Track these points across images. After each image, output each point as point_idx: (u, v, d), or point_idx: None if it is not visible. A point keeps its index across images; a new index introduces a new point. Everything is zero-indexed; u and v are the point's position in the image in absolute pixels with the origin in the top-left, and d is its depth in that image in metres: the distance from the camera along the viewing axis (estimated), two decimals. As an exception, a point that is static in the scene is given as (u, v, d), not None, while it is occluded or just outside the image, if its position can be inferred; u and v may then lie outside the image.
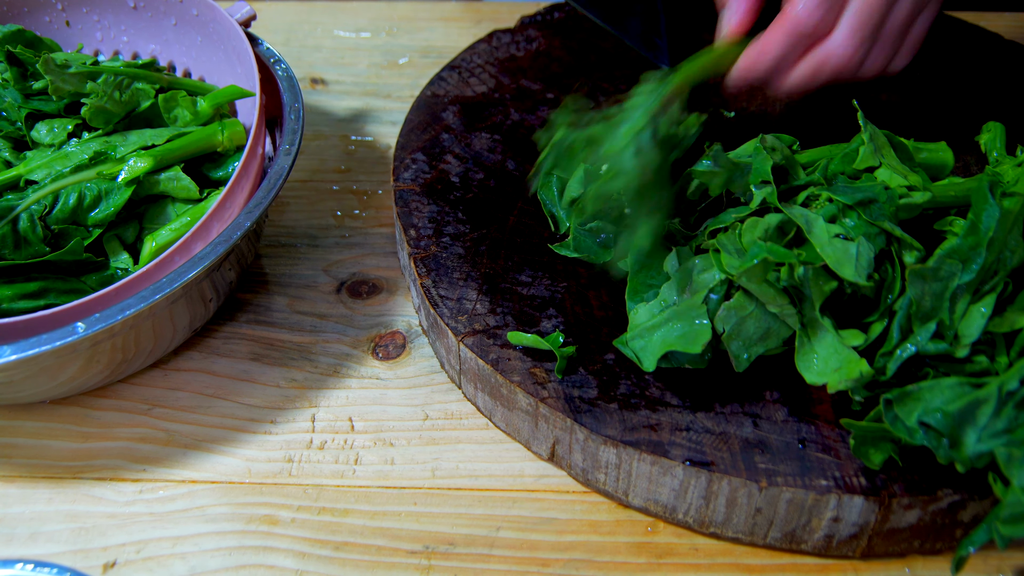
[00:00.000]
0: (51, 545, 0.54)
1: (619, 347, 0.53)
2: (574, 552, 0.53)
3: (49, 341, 0.51)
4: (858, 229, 0.52)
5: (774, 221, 0.53)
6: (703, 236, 0.56)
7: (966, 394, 0.47)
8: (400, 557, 0.53)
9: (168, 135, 0.64)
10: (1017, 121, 0.72)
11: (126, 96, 0.64)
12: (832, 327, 0.51)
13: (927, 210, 0.55)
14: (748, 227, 0.53)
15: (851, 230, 0.51)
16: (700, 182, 0.58)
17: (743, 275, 0.50)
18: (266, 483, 0.57)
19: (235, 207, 0.60)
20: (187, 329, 0.62)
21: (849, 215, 0.52)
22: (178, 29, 0.73)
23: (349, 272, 0.70)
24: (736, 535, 0.53)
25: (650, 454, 0.51)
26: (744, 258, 0.50)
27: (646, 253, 0.55)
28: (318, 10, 0.96)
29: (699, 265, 0.54)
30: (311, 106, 0.85)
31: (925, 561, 0.53)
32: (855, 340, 0.50)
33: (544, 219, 0.65)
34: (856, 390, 0.50)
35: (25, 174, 0.60)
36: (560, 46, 0.80)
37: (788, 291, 0.51)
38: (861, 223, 0.52)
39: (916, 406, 0.47)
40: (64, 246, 0.59)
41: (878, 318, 0.52)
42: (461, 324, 0.58)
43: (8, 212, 0.58)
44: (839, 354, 0.50)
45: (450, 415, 0.60)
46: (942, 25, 0.82)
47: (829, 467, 0.50)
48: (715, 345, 0.52)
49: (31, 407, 0.61)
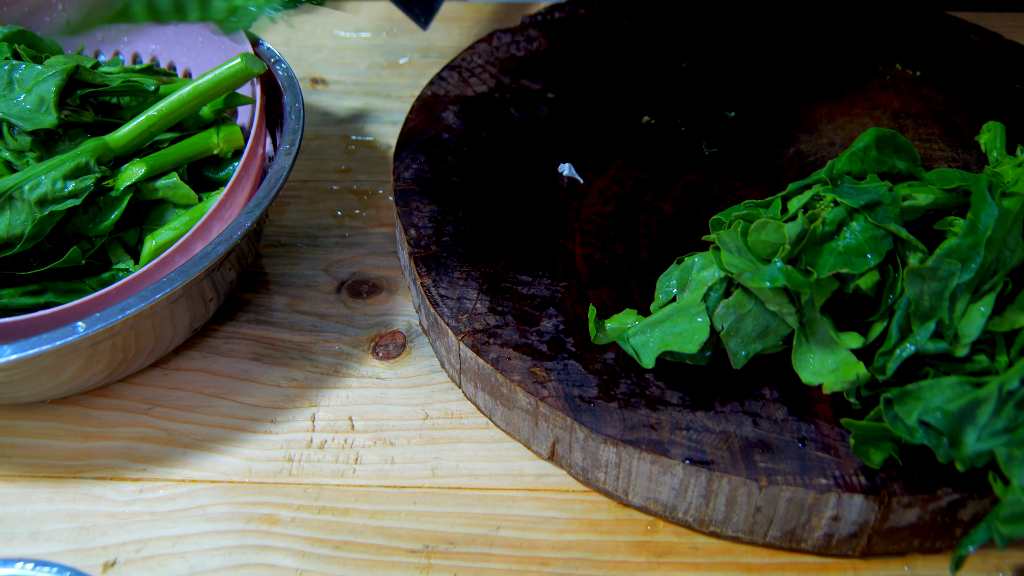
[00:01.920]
0: (51, 544, 0.54)
1: (620, 343, 0.53)
2: (574, 551, 0.53)
3: (49, 341, 0.51)
4: (865, 232, 0.52)
5: (794, 232, 0.52)
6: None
7: (966, 393, 0.47)
8: (400, 556, 0.53)
9: (167, 139, 0.64)
10: (1017, 121, 0.72)
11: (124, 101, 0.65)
12: (831, 328, 0.51)
13: (928, 211, 0.55)
14: (756, 228, 0.53)
15: (858, 234, 0.52)
16: None
17: (750, 283, 0.50)
18: (266, 482, 0.57)
19: (235, 207, 0.60)
20: (187, 329, 0.62)
21: (856, 218, 0.52)
22: (179, 29, 0.73)
23: (349, 272, 0.70)
24: (736, 534, 0.53)
25: (650, 453, 0.51)
26: (757, 273, 0.50)
27: None
28: (318, 10, 0.96)
29: (698, 263, 0.54)
30: (311, 106, 0.85)
31: (925, 560, 0.53)
32: (853, 342, 0.50)
33: (544, 219, 0.65)
34: (851, 392, 0.50)
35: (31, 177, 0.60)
36: (560, 46, 0.80)
37: (788, 290, 0.51)
38: (868, 226, 0.52)
39: (916, 405, 0.47)
40: (64, 253, 0.59)
41: (879, 318, 0.52)
42: (461, 323, 0.58)
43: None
44: (836, 355, 0.50)
45: (450, 414, 0.60)
46: (942, 25, 0.82)
47: (829, 466, 0.50)
48: (716, 343, 0.52)
49: (31, 407, 0.61)
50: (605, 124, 0.73)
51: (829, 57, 0.78)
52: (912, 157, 0.59)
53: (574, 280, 0.61)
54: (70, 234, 0.60)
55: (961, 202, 0.56)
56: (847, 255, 0.51)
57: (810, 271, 0.50)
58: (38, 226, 0.58)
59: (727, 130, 0.72)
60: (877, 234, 0.51)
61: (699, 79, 0.77)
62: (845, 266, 0.50)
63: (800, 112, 0.74)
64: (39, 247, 0.60)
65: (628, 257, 0.62)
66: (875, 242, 0.51)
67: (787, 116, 0.73)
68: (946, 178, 0.56)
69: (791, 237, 0.51)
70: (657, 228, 0.65)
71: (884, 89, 0.75)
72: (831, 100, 0.75)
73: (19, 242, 0.58)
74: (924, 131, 0.71)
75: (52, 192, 0.58)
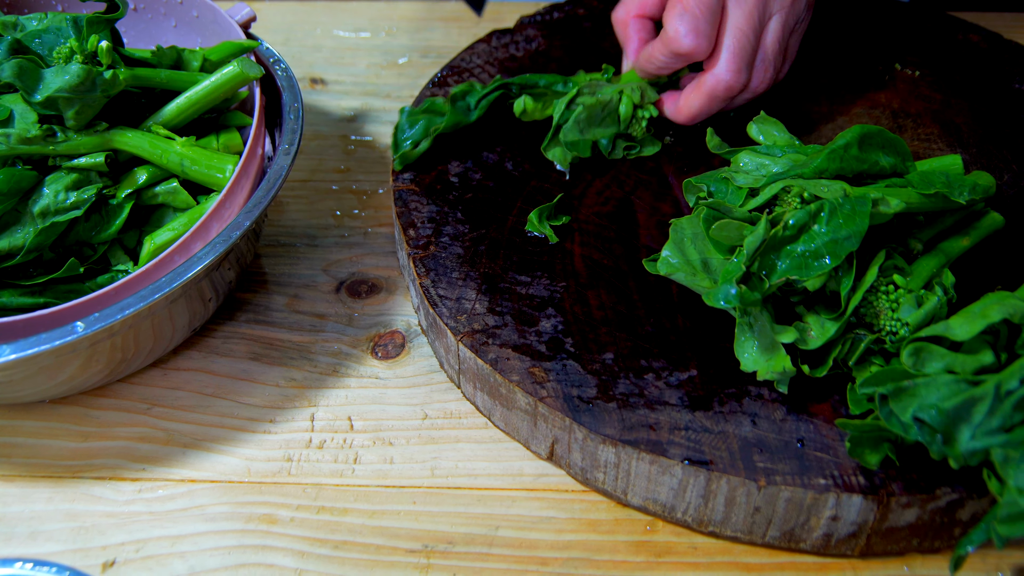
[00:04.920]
0: (51, 544, 0.54)
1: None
2: (573, 551, 0.53)
3: (49, 340, 0.51)
4: (825, 235, 0.52)
5: (753, 245, 0.52)
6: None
7: (962, 391, 0.47)
8: (399, 556, 0.53)
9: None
10: (1017, 121, 0.72)
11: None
12: (770, 322, 0.52)
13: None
14: (719, 227, 0.54)
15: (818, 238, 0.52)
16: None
17: (693, 287, 0.54)
18: (265, 482, 0.57)
19: (234, 207, 0.60)
20: (186, 329, 0.62)
21: (819, 221, 0.52)
22: (178, 31, 0.73)
23: (348, 272, 0.70)
24: (735, 534, 0.53)
25: (649, 453, 0.51)
26: (712, 291, 0.51)
27: None
28: (318, 10, 0.96)
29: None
30: (311, 106, 0.85)
31: (924, 559, 0.53)
32: (787, 337, 0.52)
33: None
34: (782, 382, 0.52)
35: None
36: (559, 46, 0.80)
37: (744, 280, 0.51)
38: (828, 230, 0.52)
39: (912, 401, 0.47)
40: (65, 262, 0.60)
41: (835, 318, 0.53)
42: (460, 324, 0.58)
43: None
44: (772, 347, 0.52)
45: (449, 414, 0.60)
46: (942, 25, 0.82)
47: (827, 466, 0.51)
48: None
49: (31, 407, 0.61)
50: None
51: (829, 57, 0.78)
52: (900, 153, 0.57)
53: (573, 280, 0.61)
54: (72, 243, 0.61)
55: (940, 207, 0.55)
56: (804, 258, 0.51)
57: (763, 278, 0.51)
58: (40, 237, 0.58)
59: (727, 130, 0.71)
60: (838, 237, 0.51)
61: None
62: (797, 272, 0.51)
63: (800, 112, 0.74)
64: (41, 256, 0.60)
65: (627, 257, 0.62)
66: (835, 245, 0.51)
67: (787, 116, 0.73)
68: (928, 181, 0.56)
69: (749, 250, 0.51)
70: (656, 228, 0.65)
71: (883, 89, 0.75)
72: (831, 100, 0.75)
73: (20, 253, 0.58)
74: (923, 131, 0.71)
75: (55, 204, 0.58)
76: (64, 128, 0.59)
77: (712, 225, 0.53)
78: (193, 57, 0.65)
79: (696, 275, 0.54)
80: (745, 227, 0.53)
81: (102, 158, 0.60)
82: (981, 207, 0.58)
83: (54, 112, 0.58)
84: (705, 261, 0.55)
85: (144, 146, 0.61)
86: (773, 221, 0.52)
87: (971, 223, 0.58)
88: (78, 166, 0.60)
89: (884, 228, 0.54)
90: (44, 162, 0.60)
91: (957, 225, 0.58)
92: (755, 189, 0.56)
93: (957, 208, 0.56)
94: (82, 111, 0.58)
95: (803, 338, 0.53)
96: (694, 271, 0.55)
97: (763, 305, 0.52)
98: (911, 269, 0.54)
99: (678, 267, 0.55)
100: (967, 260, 0.58)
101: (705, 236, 0.55)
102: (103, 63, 0.60)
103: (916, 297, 0.52)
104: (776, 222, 0.52)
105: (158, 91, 0.64)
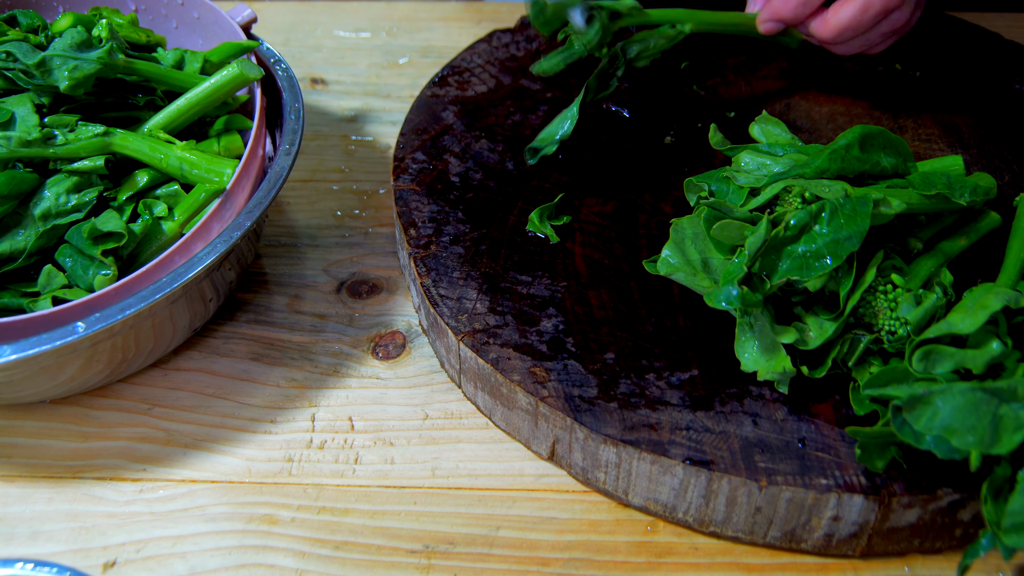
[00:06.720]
0: (51, 544, 0.54)
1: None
2: (574, 551, 0.53)
3: (49, 341, 0.51)
4: (827, 236, 0.52)
5: (755, 246, 0.52)
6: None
7: (980, 402, 0.46)
8: (400, 556, 0.53)
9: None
10: (1017, 121, 0.72)
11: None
12: (770, 322, 0.52)
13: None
14: (720, 227, 0.54)
15: (819, 238, 0.52)
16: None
17: (694, 287, 0.54)
18: (266, 483, 0.57)
19: (235, 207, 0.60)
20: (187, 329, 0.62)
21: (820, 221, 0.52)
22: (179, 32, 0.73)
23: (349, 272, 0.70)
24: (736, 534, 0.53)
25: (650, 453, 0.51)
26: (713, 292, 0.51)
27: None
28: (318, 10, 0.96)
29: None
30: (311, 106, 0.85)
31: (925, 560, 0.53)
32: (788, 338, 0.52)
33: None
34: (783, 382, 0.53)
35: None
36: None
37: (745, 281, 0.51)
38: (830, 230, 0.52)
39: (926, 410, 0.47)
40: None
41: (834, 317, 0.53)
42: (461, 323, 0.58)
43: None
44: (772, 348, 0.53)
45: (450, 415, 0.60)
46: (942, 25, 0.82)
47: (829, 466, 0.50)
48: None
49: (31, 407, 0.61)
50: (605, 123, 0.73)
51: (829, 57, 0.78)
52: (901, 154, 0.57)
53: (574, 280, 0.61)
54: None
55: (941, 208, 0.55)
56: (805, 259, 0.51)
57: (765, 279, 0.51)
58: (41, 240, 0.58)
59: (728, 131, 0.71)
60: (839, 237, 0.51)
61: (699, 79, 0.77)
62: (798, 272, 0.51)
63: (800, 112, 0.74)
64: (42, 259, 0.60)
65: (628, 257, 0.62)
66: (835, 245, 0.51)
67: (787, 116, 0.73)
68: (929, 182, 0.56)
69: (751, 251, 0.51)
70: (657, 228, 0.65)
71: (884, 89, 0.75)
72: (831, 100, 0.75)
73: (21, 256, 0.58)
74: (924, 131, 0.71)
75: (56, 206, 0.58)
76: (64, 129, 0.59)
77: (713, 225, 0.53)
78: (194, 59, 0.65)
79: (696, 275, 0.54)
80: (746, 227, 0.53)
81: (102, 161, 0.60)
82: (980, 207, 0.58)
83: (50, 71, 0.58)
84: (706, 261, 0.55)
85: (144, 150, 0.61)
86: (774, 221, 0.52)
87: (970, 223, 0.58)
88: (78, 169, 0.60)
89: (884, 229, 0.54)
90: (45, 165, 0.60)
91: (956, 224, 0.58)
92: (756, 189, 0.56)
93: (957, 209, 0.56)
94: (75, 71, 0.58)
95: (802, 338, 0.53)
96: (694, 271, 0.55)
97: (764, 306, 0.52)
98: (910, 269, 0.54)
99: (678, 267, 0.55)
100: (963, 259, 0.58)
101: (706, 236, 0.55)
102: (102, 38, 0.60)
103: (915, 296, 0.52)
104: (777, 222, 0.52)
105: (158, 92, 0.64)
